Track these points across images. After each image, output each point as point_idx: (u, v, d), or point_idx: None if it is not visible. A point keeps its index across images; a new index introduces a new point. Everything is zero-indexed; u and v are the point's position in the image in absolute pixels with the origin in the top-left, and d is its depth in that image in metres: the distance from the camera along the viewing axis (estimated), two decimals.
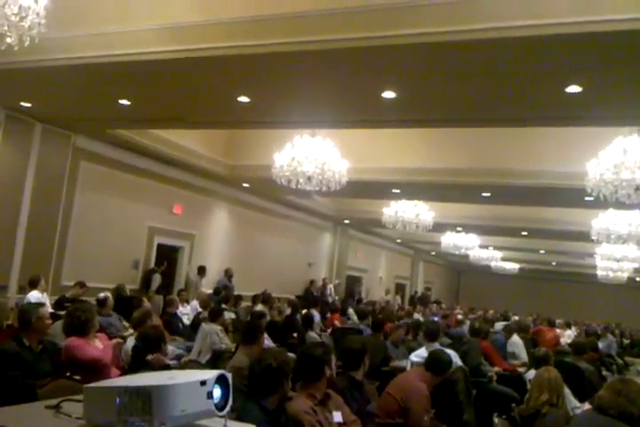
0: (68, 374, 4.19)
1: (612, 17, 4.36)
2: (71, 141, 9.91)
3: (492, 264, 26.09)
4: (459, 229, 18.04)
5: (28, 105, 8.36)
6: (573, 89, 5.73)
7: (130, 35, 5.94)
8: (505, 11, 4.66)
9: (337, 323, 11.29)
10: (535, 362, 5.85)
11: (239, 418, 2.59)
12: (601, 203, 8.32)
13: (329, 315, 12.17)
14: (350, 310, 13.68)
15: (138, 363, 4.01)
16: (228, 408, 1.89)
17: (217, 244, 14.07)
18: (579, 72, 5.41)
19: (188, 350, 7.25)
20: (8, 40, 4.27)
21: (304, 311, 10.23)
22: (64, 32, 5.98)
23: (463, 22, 4.78)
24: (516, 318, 16.61)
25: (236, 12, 5.49)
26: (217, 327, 7.21)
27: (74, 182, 10.08)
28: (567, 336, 13.87)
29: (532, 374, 5.75)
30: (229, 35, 5.55)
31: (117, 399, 1.73)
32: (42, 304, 5.18)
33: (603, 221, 11.35)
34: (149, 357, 4.08)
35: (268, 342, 7.02)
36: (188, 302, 10.69)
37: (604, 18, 4.40)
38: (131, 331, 6.42)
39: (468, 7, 4.75)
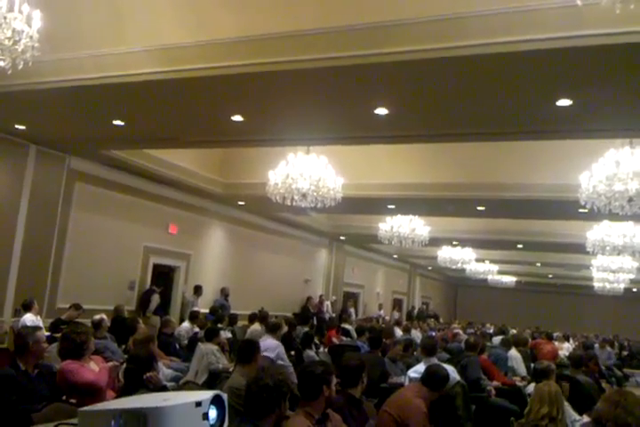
0: (64, 397, 4.15)
1: (598, 31, 4.42)
2: (66, 163, 9.93)
3: (489, 278, 26.09)
4: (455, 243, 18.08)
5: (23, 127, 8.39)
6: (564, 102, 5.78)
7: (122, 56, 5.98)
8: (493, 26, 4.71)
9: (334, 340, 11.23)
10: (536, 375, 5.83)
11: None
12: (595, 215, 8.36)
13: (326, 332, 12.12)
14: (349, 327, 13.62)
15: (132, 384, 3.98)
16: None
17: (213, 263, 14.04)
18: (568, 86, 5.46)
19: (186, 370, 7.20)
20: (1, 64, 4.30)
21: (305, 330, 10.19)
22: (57, 55, 6.03)
23: (452, 39, 4.84)
24: (514, 331, 16.56)
25: (228, 33, 5.54)
26: (213, 347, 7.17)
27: (69, 204, 10.08)
28: (565, 349, 13.83)
29: (532, 387, 5.73)
30: (221, 55, 5.59)
31: (113, 422, 1.72)
32: (39, 328, 5.15)
33: (597, 233, 11.38)
34: (147, 374, 4.05)
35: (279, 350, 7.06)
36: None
37: (590, 32, 4.45)
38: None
39: (456, 24, 4.80)
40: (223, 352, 7.57)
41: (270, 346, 7.26)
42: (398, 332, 12.57)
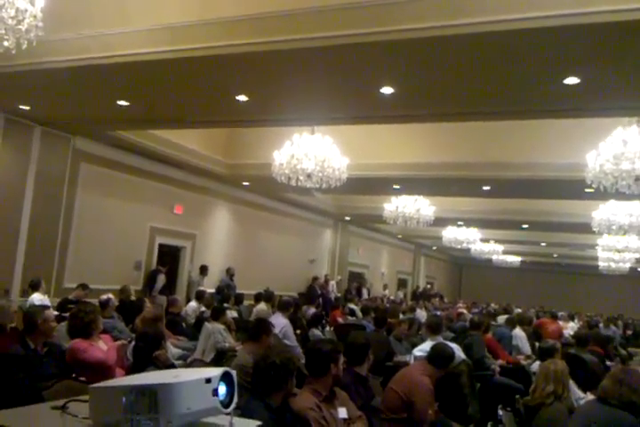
0: (73, 375, 4.20)
1: (607, 8, 4.36)
2: (71, 143, 9.93)
3: (494, 258, 26.11)
4: (460, 223, 18.07)
5: (27, 108, 8.37)
6: (571, 80, 5.72)
7: (127, 36, 5.94)
8: (500, 3, 4.66)
9: (339, 319, 11.31)
10: (541, 354, 5.87)
11: (243, 416, 2.60)
12: (601, 194, 8.33)
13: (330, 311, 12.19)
14: (354, 307, 13.70)
15: (141, 362, 4.02)
16: (233, 405, 1.90)
17: (218, 243, 14.09)
18: (576, 64, 5.40)
19: (194, 348, 7.27)
20: (5, 43, 4.27)
21: (312, 310, 10.25)
22: (61, 34, 5.99)
23: (459, 16, 4.78)
24: (519, 310, 16.63)
25: (232, 11, 5.49)
26: (220, 326, 7.23)
27: (74, 184, 10.10)
28: (570, 328, 13.89)
29: (536, 366, 5.77)
30: (226, 34, 5.55)
31: (123, 398, 1.74)
32: (47, 307, 5.20)
33: (603, 213, 11.35)
34: (156, 353, 4.09)
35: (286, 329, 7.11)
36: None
37: (599, 9, 4.40)
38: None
39: (463, 1, 4.75)
40: (229, 331, 7.63)
41: (278, 324, 7.32)
42: None
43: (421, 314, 13.53)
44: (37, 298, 8.14)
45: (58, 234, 9.74)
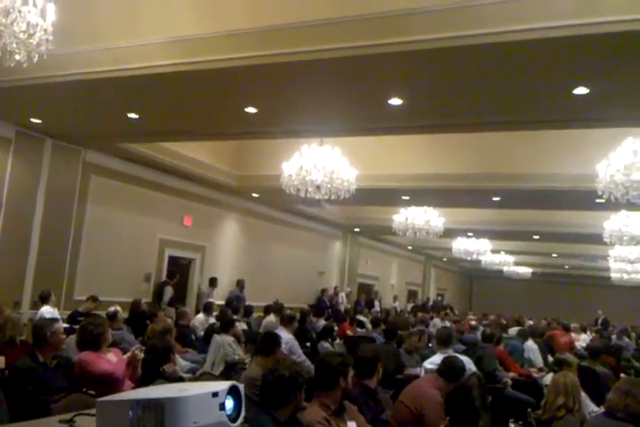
0: (84, 389, 4.19)
1: (616, 18, 4.35)
2: (81, 156, 9.98)
3: (505, 269, 25.94)
4: (470, 234, 17.99)
5: (38, 121, 8.43)
6: (580, 91, 5.70)
7: (137, 49, 5.98)
8: (508, 14, 4.65)
9: (348, 332, 11.24)
10: (556, 366, 5.79)
11: None
12: (612, 204, 8.27)
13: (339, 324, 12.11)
14: (364, 319, 13.63)
15: (150, 375, 4.00)
16: (240, 420, 1.89)
17: (227, 255, 14.09)
18: (585, 74, 5.39)
19: (203, 361, 7.24)
20: (17, 57, 4.31)
21: (321, 322, 10.17)
22: (72, 47, 6.04)
23: (467, 27, 4.78)
24: (531, 322, 16.48)
25: (242, 24, 5.52)
26: (229, 338, 7.21)
27: (85, 197, 10.15)
28: (582, 340, 13.74)
29: (548, 378, 5.70)
30: (235, 46, 5.57)
31: (130, 412, 1.73)
32: (56, 319, 5.19)
33: (615, 223, 11.27)
34: (164, 366, 4.07)
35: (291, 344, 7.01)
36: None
37: (607, 19, 4.38)
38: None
39: (471, 12, 4.74)
40: (239, 343, 7.60)
41: (283, 339, 7.26)
42: None
43: (438, 324, 13.47)
44: (47, 310, 8.15)
45: (68, 246, 9.77)
